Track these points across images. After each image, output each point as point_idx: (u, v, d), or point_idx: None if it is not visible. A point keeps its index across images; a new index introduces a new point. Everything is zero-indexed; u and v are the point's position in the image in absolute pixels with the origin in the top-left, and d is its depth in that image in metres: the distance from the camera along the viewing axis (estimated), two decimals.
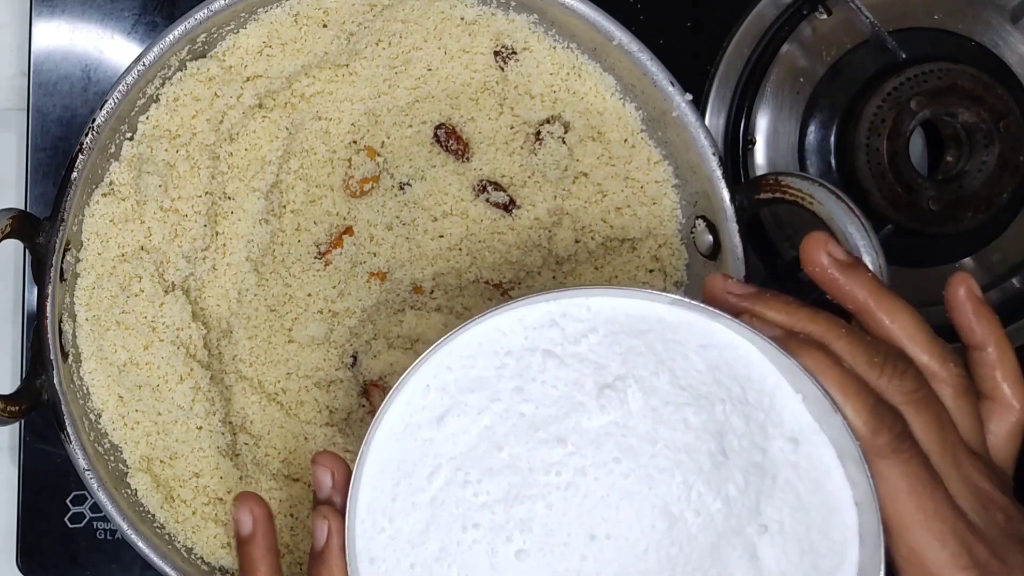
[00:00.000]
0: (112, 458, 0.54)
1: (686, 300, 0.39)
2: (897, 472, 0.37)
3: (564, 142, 0.56)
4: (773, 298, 0.40)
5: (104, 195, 0.54)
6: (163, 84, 0.54)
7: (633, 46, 0.53)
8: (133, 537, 0.51)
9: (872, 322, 0.40)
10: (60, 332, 0.52)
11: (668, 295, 0.39)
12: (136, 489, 0.54)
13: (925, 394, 0.38)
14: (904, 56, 0.62)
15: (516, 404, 0.39)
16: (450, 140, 0.57)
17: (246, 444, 0.55)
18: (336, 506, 0.40)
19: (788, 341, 0.38)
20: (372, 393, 0.56)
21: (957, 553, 0.37)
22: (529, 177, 0.57)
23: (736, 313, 0.39)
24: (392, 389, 0.39)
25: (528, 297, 0.39)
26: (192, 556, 0.54)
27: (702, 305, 0.39)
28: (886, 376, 0.38)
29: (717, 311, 0.38)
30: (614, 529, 0.39)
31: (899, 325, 0.40)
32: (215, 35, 0.54)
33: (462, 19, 0.56)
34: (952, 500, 0.38)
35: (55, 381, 0.51)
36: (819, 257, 0.41)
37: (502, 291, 0.57)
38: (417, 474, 0.39)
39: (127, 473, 0.54)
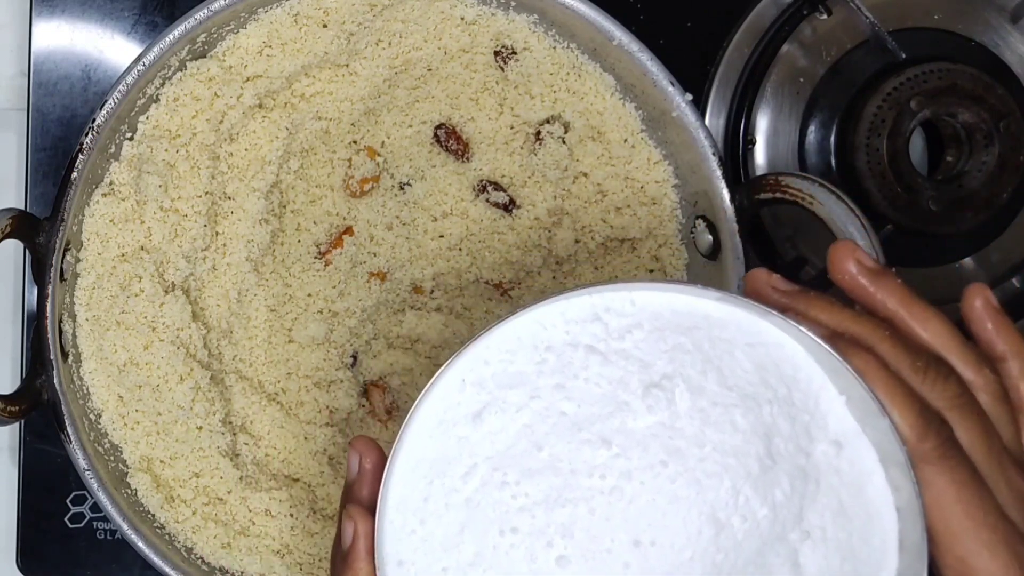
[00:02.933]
0: (112, 458, 0.54)
1: (734, 296, 0.37)
2: (944, 479, 0.36)
3: (564, 142, 0.56)
4: (817, 298, 0.39)
5: (104, 195, 0.54)
6: (163, 84, 0.54)
7: (633, 46, 0.53)
8: (133, 537, 0.51)
9: (904, 330, 0.39)
10: (60, 332, 0.52)
11: (715, 290, 0.37)
12: (136, 489, 0.54)
13: (968, 399, 0.37)
14: (904, 56, 0.62)
15: (557, 402, 0.37)
16: (450, 140, 0.57)
17: (246, 444, 0.55)
18: (364, 502, 0.39)
19: (836, 341, 0.37)
20: (372, 393, 0.56)
21: (1008, 564, 0.36)
22: (529, 177, 0.57)
23: (781, 310, 0.38)
24: (427, 385, 0.37)
25: (570, 290, 0.37)
26: (192, 556, 0.54)
27: (751, 301, 0.37)
28: (929, 381, 0.37)
29: (766, 308, 0.37)
30: (659, 535, 0.37)
31: (931, 333, 0.39)
32: (215, 35, 0.54)
33: (462, 19, 0.56)
34: (1001, 509, 0.36)
35: (55, 381, 0.51)
36: (848, 266, 0.40)
37: (502, 291, 0.57)
38: (451, 473, 0.37)
39: (127, 473, 0.54)
